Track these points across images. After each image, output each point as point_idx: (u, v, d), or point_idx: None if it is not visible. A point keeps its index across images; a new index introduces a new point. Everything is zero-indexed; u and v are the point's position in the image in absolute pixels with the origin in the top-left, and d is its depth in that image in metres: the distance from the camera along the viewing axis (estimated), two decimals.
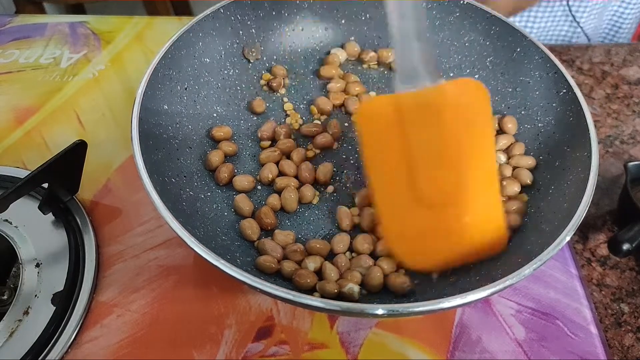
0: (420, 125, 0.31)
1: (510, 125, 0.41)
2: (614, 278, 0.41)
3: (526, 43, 0.42)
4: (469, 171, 0.31)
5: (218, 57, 0.43)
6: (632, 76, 0.58)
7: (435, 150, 0.31)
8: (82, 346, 0.34)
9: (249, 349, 0.34)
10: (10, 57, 0.54)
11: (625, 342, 0.37)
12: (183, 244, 0.29)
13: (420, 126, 0.31)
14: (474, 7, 0.44)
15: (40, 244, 0.38)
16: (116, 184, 0.43)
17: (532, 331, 0.35)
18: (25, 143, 0.46)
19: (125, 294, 0.36)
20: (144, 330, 0.34)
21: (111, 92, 0.51)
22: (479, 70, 0.45)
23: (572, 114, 0.38)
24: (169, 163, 0.36)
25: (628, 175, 0.43)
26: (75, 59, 0.54)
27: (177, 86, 0.40)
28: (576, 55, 0.60)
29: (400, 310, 0.27)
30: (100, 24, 0.59)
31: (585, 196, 0.31)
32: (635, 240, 0.37)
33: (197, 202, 0.36)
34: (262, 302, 0.36)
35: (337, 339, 0.34)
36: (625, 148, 0.50)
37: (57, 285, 0.36)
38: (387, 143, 0.32)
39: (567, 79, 0.38)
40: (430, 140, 0.31)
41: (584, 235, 0.43)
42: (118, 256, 0.38)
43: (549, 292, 0.37)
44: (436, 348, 0.34)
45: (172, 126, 0.38)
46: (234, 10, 0.43)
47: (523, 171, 0.38)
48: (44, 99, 0.50)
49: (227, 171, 0.38)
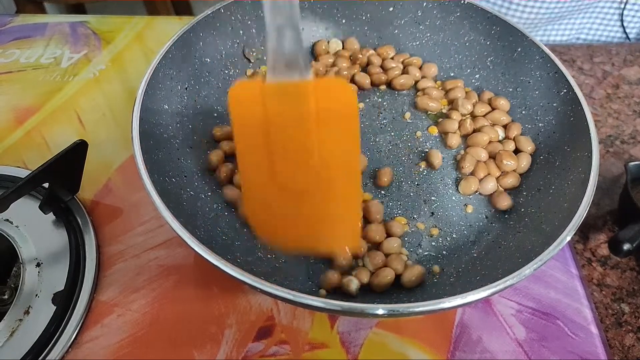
0: (282, 114, 0.31)
1: (502, 102, 0.42)
2: (615, 278, 0.41)
3: (527, 43, 0.42)
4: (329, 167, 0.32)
5: (218, 57, 0.43)
6: (633, 76, 0.58)
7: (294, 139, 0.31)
8: (83, 346, 0.34)
9: (250, 348, 0.34)
10: (11, 57, 0.54)
11: (626, 342, 0.37)
12: (183, 244, 0.29)
13: (282, 115, 0.31)
14: (474, 7, 0.44)
15: (41, 243, 0.38)
16: (117, 184, 0.43)
17: (533, 331, 0.35)
18: (25, 143, 0.46)
19: (125, 293, 0.36)
20: (145, 330, 0.34)
21: (111, 92, 0.51)
22: (480, 70, 0.45)
23: (573, 114, 0.38)
24: (170, 163, 0.36)
25: (628, 175, 0.43)
26: (75, 58, 0.54)
27: (177, 86, 0.40)
28: (577, 55, 0.60)
29: (400, 310, 0.27)
30: (101, 24, 0.59)
31: (585, 196, 0.31)
32: (635, 240, 0.37)
33: (198, 202, 0.36)
34: (262, 302, 0.36)
35: (338, 338, 0.34)
36: (626, 148, 0.50)
37: (58, 284, 0.36)
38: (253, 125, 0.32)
39: (568, 79, 0.38)
40: (290, 130, 0.31)
41: (584, 235, 0.43)
42: (118, 256, 0.38)
43: (549, 292, 0.37)
44: (437, 348, 0.34)
45: (173, 126, 0.38)
46: (235, 10, 0.43)
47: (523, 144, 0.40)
48: (44, 99, 0.50)
49: (227, 171, 0.38)
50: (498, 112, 0.42)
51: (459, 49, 0.46)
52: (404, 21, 0.47)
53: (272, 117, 0.31)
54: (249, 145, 0.32)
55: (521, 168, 0.39)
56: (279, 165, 0.32)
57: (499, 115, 0.42)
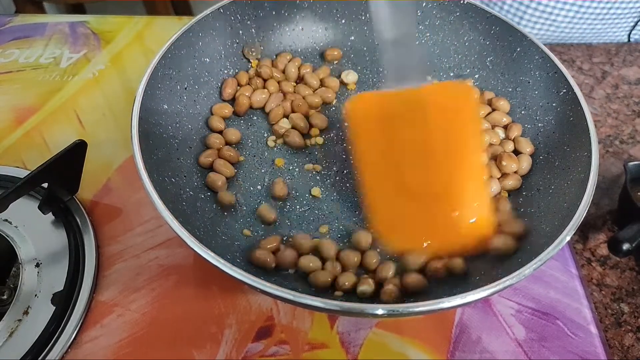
0: (407, 123, 0.32)
1: (501, 103, 0.42)
2: (614, 278, 0.41)
3: (526, 43, 0.42)
4: (456, 169, 0.32)
5: (218, 57, 0.43)
6: (632, 76, 0.58)
7: (420, 146, 0.32)
8: (82, 346, 0.34)
9: (249, 348, 0.34)
10: (10, 57, 0.54)
11: (625, 342, 0.37)
12: (183, 244, 0.29)
13: (406, 123, 0.32)
14: (474, 7, 0.44)
15: (40, 243, 0.38)
16: (116, 184, 0.43)
17: (532, 331, 0.35)
18: (25, 143, 0.46)
19: (125, 293, 0.36)
20: (144, 330, 0.34)
21: (111, 92, 0.51)
22: (479, 70, 0.45)
23: (572, 114, 0.38)
24: (169, 163, 0.36)
25: (628, 175, 0.43)
26: (75, 58, 0.54)
27: (177, 86, 0.40)
28: (576, 55, 0.60)
29: (400, 310, 0.27)
30: (100, 24, 0.59)
31: (585, 196, 0.31)
32: (635, 240, 0.37)
33: (197, 202, 0.36)
34: (262, 302, 0.36)
35: (337, 338, 0.34)
36: (625, 148, 0.50)
37: (57, 285, 0.36)
38: (375, 137, 0.33)
39: (567, 79, 0.38)
40: (416, 138, 0.32)
41: (584, 235, 0.43)
42: (118, 256, 0.38)
43: (549, 292, 0.37)
44: (436, 348, 0.34)
45: (172, 126, 0.38)
46: (234, 10, 0.43)
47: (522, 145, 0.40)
48: (44, 99, 0.50)
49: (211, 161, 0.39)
50: (498, 114, 0.42)
51: (458, 49, 0.46)
52: None
53: (395, 123, 0.32)
54: (373, 157, 0.33)
55: (522, 170, 0.39)
56: (408, 173, 0.32)
57: (500, 116, 0.42)
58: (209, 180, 0.37)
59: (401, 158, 0.33)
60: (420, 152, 0.33)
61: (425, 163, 0.33)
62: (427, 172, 0.33)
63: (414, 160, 0.33)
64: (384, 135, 0.33)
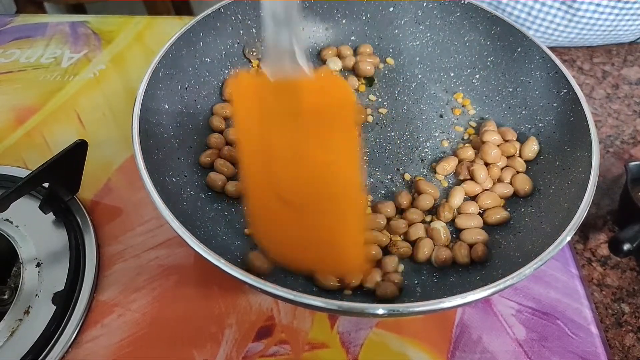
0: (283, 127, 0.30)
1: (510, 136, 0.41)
2: (615, 278, 0.41)
3: (527, 43, 0.42)
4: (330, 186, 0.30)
5: (219, 57, 0.43)
6: (633, 76, 0.58)
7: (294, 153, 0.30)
8: (83, 346, 0.34)
9: (250, 348, 0.34)
10: (11, 57, 0.54)
11: (626, 342, 0.37)
12: (184, 244, 0.29)
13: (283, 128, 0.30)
14: (474, 7, 0.44)
15: (41, 243, 0.38)
16: (117, 184, 0.43)
17: (533, 331, 0.35)
18: (25, 143, 0.46)
19: (125, 293, 0.36)
20: (145, 330, 0.34)
21: (112, 92, 0.51)
22: (480, 70, 0.45)
23: (573, 114, 0.38)
24: (170, 162, 0.36)
25: (628, 175, 0.43)
26: (75, 58, 0.54)
27: (177, 86, 0.40)
28: (577, 55, 0.60)
29: (400, 310, 0.27)
30: (101, 24, 0.59)
31: (585, 196, 0.31)
32: (635, 240, 0.37)
33: (198, 202, 0.36)
34: (262, 301, 0.36)
35: (338, 338, 0.34)
36: (626, 148, 0.50)
37: (58, 284, 0.36)
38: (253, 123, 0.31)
39: (568, 79, 0.38)
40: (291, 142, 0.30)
41: (584, 235, 0.43)
42: (119, 256, 0.38)
43: (549, 292, 0.37)
44: (437, 348, 0.34)
45: (173, 125, 0.38)
46: (235, 9, 0.43)
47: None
48: (44, 99, 0.50)
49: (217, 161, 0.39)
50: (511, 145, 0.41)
51: (459, 49, 0.46)
52: (404, 21, 0.47)
53: (269, 114, 0.30)
54: (251, 146, 0.32)
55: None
56: (280, 173, 0.31)
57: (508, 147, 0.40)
58: (209, 180, 0.37)
59: (276, 163, 0.31)
60: (294, 160, 0.30)
61: (298, 172, 0.31)
62: (300, 182, 0.31)
63: (288, 167, 0.31)
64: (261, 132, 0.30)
